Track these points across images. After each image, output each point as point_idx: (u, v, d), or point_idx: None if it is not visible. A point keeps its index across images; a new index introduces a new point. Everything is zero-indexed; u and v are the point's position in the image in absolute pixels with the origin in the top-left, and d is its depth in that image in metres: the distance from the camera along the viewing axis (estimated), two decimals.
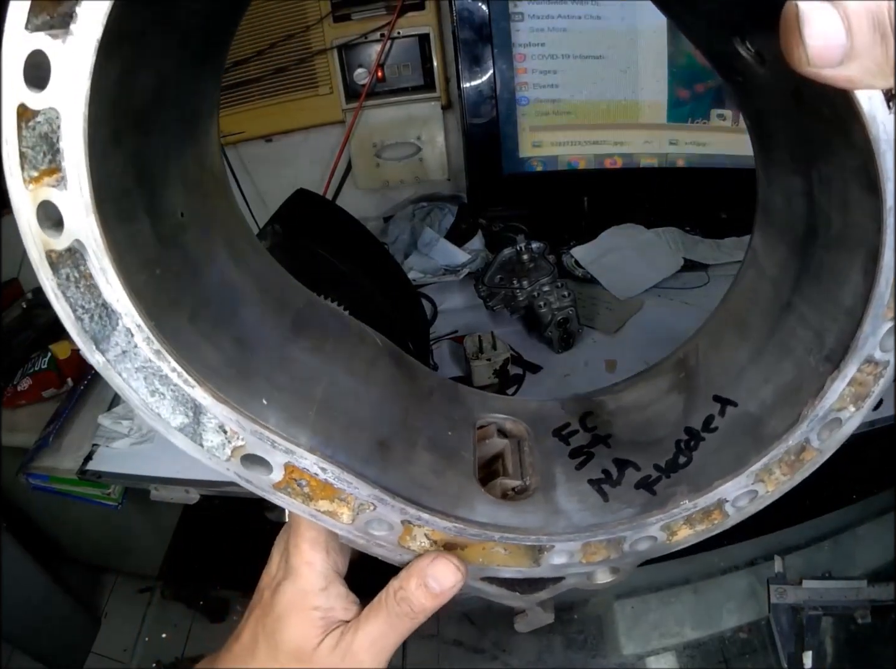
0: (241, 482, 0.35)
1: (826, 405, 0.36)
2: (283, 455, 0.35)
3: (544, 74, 1.27)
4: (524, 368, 1.07)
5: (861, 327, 0.33)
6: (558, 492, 0.43)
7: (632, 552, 0.41)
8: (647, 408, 0.48)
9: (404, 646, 1.00)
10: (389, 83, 1.38)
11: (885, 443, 0.90)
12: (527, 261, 1.14)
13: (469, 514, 0.40)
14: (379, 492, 0.37)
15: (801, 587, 0.95)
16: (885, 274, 0.31)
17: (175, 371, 0.32)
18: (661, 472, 0.42)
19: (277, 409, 0.35)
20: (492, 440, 0.47)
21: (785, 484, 0.38)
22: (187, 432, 0.34)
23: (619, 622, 1.02)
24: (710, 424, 0.43)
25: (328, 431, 0.37)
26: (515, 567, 0.41)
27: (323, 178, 1.46)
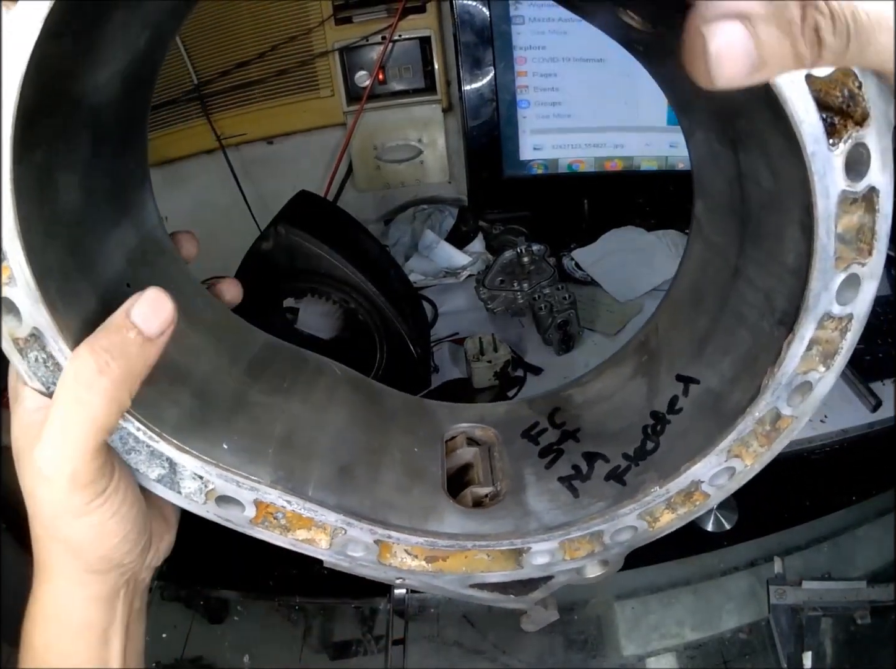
0: (221, 522, 0.38)
1: (788, 371, 0.34)
2: (250, 493, 0.37)
3: (545, 77, 1.27)
4: (525, 370, 1.08)
5: (808, 285, 0.31)
6: (528, 494, 0.43)
7: (615, 543, 0.41)
8: (613, 397, 0.48)
9: (405, 648, 1.00)
10: (390, 86, 1.38)
11: (885, 444, 0.90)
12: (527, 263, 1.15)
13: (438, 527, 0.40)
14: (343, 516, 0.39)
15: (800, 588, 0.95)
16: (823, 225, 0.30)
17: (140, 430, 0.35)
18: (629, 461, 0.42)
19: (237, 451, 0.38)
20: (462, 449, 0.47)
21: (764, 456, 0.37)
22: (165, 482, 0.37)
23: (619, 623, 1.02)
24: (675, 405, 0.42)
25: (288, 465, 0.39)
26: (500, 572, 0.42)
27: (324, 180, 1.46)
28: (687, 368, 0.43)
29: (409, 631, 1.01)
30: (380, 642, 1.07)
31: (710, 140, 0.39)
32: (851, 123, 0.28)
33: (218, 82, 1.38)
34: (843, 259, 0.30)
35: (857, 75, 0.27)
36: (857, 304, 0.32)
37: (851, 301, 0.32)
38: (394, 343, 0.96)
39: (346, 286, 0.91)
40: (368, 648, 1.10)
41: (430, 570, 0.42)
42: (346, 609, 1.15)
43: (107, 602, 0.38)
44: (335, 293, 0.92)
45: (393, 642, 1.03)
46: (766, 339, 0.35)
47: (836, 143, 0.28)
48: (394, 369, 0.98)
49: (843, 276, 0.31)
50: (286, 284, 0.92)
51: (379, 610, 1.09)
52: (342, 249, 0.91)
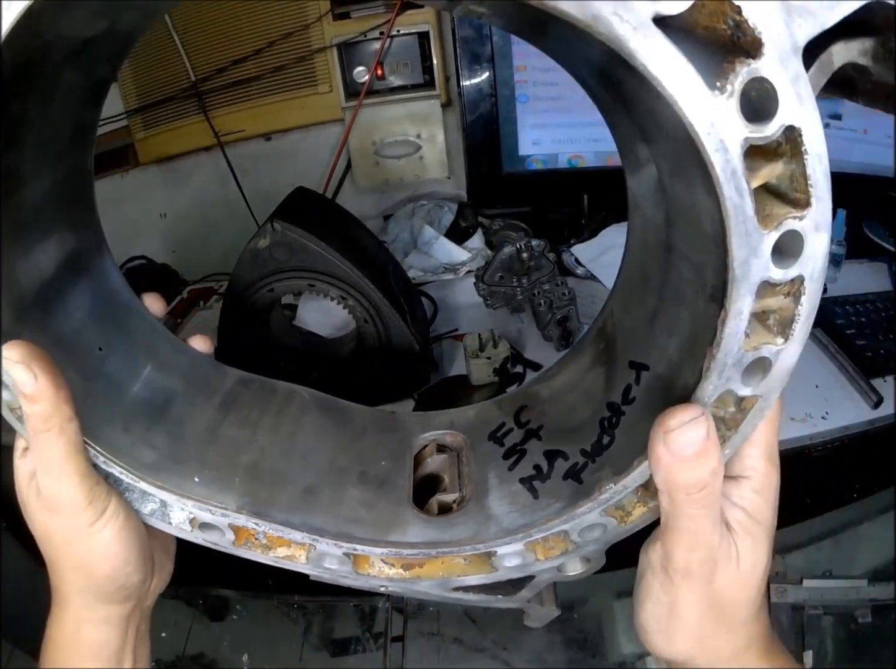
0: (210, 546, 0.43)
1: (732, 350, 0.30)
2: (223, 518, 0.41)
3: (544, 72, 1.26)
4: (525, 366, 1.07)
5: (730, 253, 0.26)
6: (490, 497, 0.43)
7: (586, 541, 0.40)
8: (574, 389, 0.46)
9: (404, 645, 1.00)
10: (389, 81, 1.38)
11: (886, 441, 0.90)
12: (527, 259, 1.14)
13: (401, 537, 0.42)
14: (308, 534, 0.41)
15: (801, 586, 0.95)
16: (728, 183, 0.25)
17: (122, 473, 0.40)
18: (587, 457, 0.41)
19: (208, 482, 0.42)
20: (432, 457, 0.48)
21: (734, 439, 0.34)
22: (157, 515, 0.42)
23: (619, 621, 1.02)
24: (629, 395, 0.40)
25: (254, 491, 0.42)
26: (477, 575, 0.42)
27: (323, 176, 1.46)
28: (639, 354, 0.40)
29: (408, 629, 1.01)
30: (379, 639, 1.07)
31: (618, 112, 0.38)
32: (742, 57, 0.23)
33: (216, 79, 1.38)
34: (773, 216, 0.26)
35: (732, 1, 0.22)
36: (804, 263, 0.27)
37: (796, 261, 0.27)
38: (393, 340, 0.96)
39: (344, 283, 0.90)
40: (368, 645, 1.10)
41: (408, 577, 0.43)
42: (346, 607, 1.15)
43: (118, 625, 0.44)
44: (333, 290, 0.91)
45: (392, 639, 1.03)
46: (702, 318, 0.32)
47: (722, 85, 0.24)
48: (393, 367, 0.98)
49: (777, 235, 0.26)
50: (284, 280, 0.91)
51: (378, 608, 1.09)
52: (340, 245, 0.90)
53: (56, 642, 0.44)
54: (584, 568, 0.42)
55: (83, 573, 0.42)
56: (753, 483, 0.36)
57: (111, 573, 0.41)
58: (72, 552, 0.41)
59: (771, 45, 0.23)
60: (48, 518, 0.40)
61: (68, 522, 0.39)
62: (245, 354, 0.94)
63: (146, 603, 0.46)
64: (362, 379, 0.99)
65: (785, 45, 0.23)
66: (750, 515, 0.36)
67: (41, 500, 0.39)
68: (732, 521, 0.36)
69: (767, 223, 0.26)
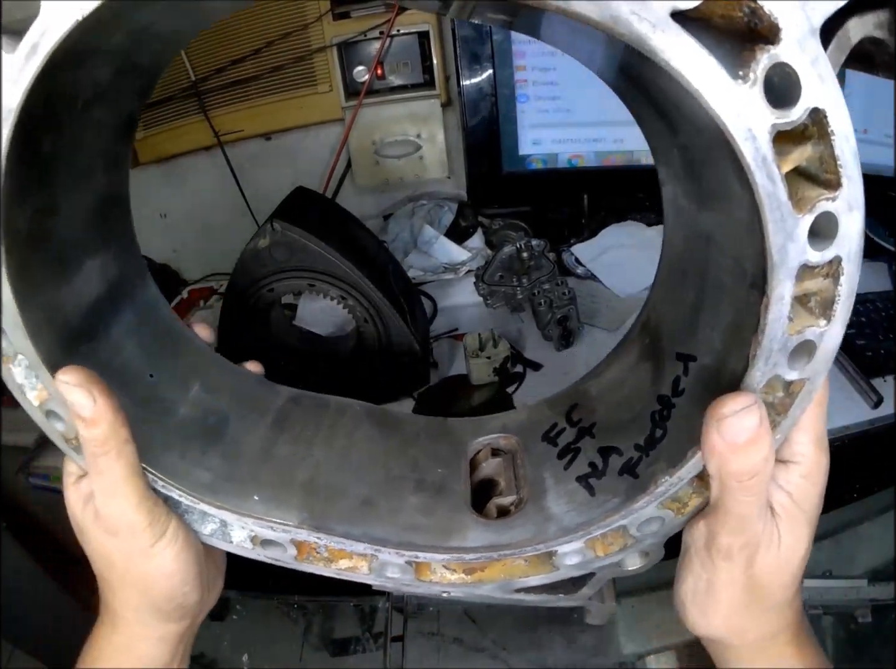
0: (272, 562, 0.44)
1: (777, 336, 0.30)
2: (285, 534, 0.42)
3: (544, 72, 1.26)
4: (525, 365, 1.07)
5: (767, 240, 0.27)
6: (548, 498, 0.43)
7: (645, 535, 0.40)
8: (623, 384, 0.47)
9: (404, 645, 1.00)
10: (389, 81, 1.37)
11: (886, 440, 0.89)
12: (527, 259, 1.14)
13: (462, 542, 0.42)
14: (369, 545, 0.42)
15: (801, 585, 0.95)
16: (759, 171, 0.25)
17: (182, 496, 0.41)
18: (641, 452, 0.41)
19: (266, 500, 0.43)
20: (487, 462, 0.48)
21: (784, 424, 0.34)
22: (218, 535, 0.43)
23: (619, 621, 1.02)
24: (678, 387, 0.40)
25: (312, 506, 0.43)
26: (539, 575, 0.43)
27: (323, 175, 1.46)
28: (685, 345, 0.41)
29: (408, 629, 1.01)
30: (379, 639, 1.07)
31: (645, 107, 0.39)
32: (762, 45, 0.23)
33: (215, 79, 1.38)
34: (806, 199, 0.26)
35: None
36: (840, 243, 0.28)
37: (832, 242, 0.28)
38: (393, 340, 0.96)
39: (344, 283, 0.90)
40: (368, 645, 1.10)
41: (470, 581, 0.43)
42: (346, 607, 1.14)
43: (171, 642, 0.45)
44: (333, 290, 0.91)
45: (392, 639, 1.03)
46: (745, 306, 0.32)
47: (745, 73, 0.24)
48: (393, 366, 0.98)
49: (811, 218, 0.27)
50: (284, 280, 0.91)
51: (378, 608, 1.09)
52: (340, 245, 0.90)
53: (104, 653, 0.45)
54: (644, 562, 0.42)
55: (142, 592, 0.42)
56: (802, 468, 0.36)
57: (170, 593, 0.42)
58: (131, 572, 0.41)
59: (788, 29, 0.23)
60: (107, 540, 0.40)
61: (128, 543, 0.40)
62: (245, 354, 0.93)
63: (198, 620, 0.47)
64: (362, 379, 0.99)
65: (802, 27, 0.23)
66: (795, 500, 0.36)
67: (99, 522, 0.40)
68: (777, 505, 0.36)
69: (801, 207, 0.26)
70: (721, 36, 0.24)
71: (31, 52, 0.28)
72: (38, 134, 0.33)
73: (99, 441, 0.36)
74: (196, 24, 0.44)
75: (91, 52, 0.33)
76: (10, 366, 0.36)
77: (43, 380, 0.37)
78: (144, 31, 0.36)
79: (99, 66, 0.35)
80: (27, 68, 0.28)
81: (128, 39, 0.35)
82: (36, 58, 0.28)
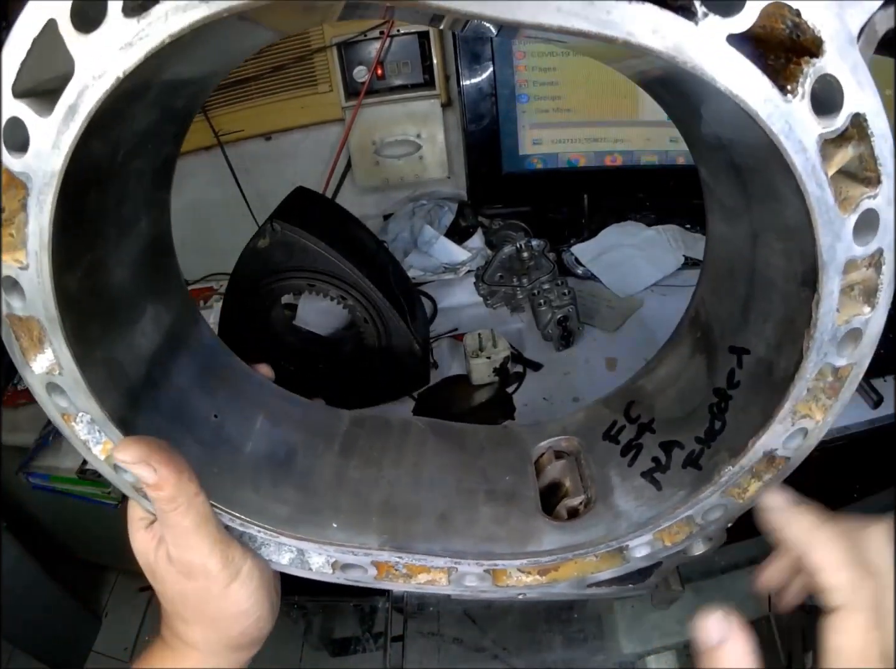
0: (351, 584, 0.45)
1: (827, 328, 0.32)
2: (366, 557, 0.43)
3: (544, 72, 1.26)
4: (525, 365, 1.07)
5: (817, 241, 0.29)
6: (616, 495, 0.45)
7: (709, 522, 0.42)
8: (678, 379, 0.48)
9: (404, 645, 1.00)
10: (389, 81, 1.37)
11: (886, 441, 0.89)
12: (527, 259, 1.14)
13: (538, 546, 0.43)
14: (450, 559, 0.43)
15: None
16: (810, 179, 0.27)
17: (260, 531, 0.42)
18: (702, 444, 0.42)
19: (346, 526, 0.44)
20: (551, 465, 0.49)
21: (835, 407, 0.36)
22: (296, 564, 0.44)
23: (619, 621, 1.02)
24: (734, 379, 0.42)
25: (391, 527, 0.44)
26: (610, 569, 0.44)
27: (323, 175, 1.46)
28: (738, 339, 0.42)
29: (408, 629, 1.01)
30: (379, 639, 1.07)
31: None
32: (807, 58, 0.24)
33: None
34: (850, 199, 0.28)
35: (790, 5, 0.24)
36: (882, 236, 0.29)
37: (874, 236, 0.29)
38: (393, 340, 0.96)
39: (343, 283, 0.90)
40: (368, 645, 1.10)
41: (545, 582, 0.45)
42: (346, 607, 1.15)
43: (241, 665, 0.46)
44: (333, 290, 0.91)
45: (392, 639, 1.03)
46: (796, 301, 0.34)
47: (793, 88, 0.25)
48: (393, 366, 0.98)
49: (856, 217, 0.28)
50: (284, 280, 0.91)
51: (378, 608, 1.09)
52: (339, 245, 0.90)
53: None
54: (707, 547, 0.44)
55: (218, 630, 0.43)
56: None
57: (246, 629, 0.43)
58: (207, 611, 0.42)
59: (831, 41, 0.24)
60: (181, 581, 0.41)
61: (203, 586, 0.40)
62: (245, 354, 0.93)
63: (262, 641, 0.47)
64: (362, 379, 0.99)
65: (842, 38, 0.24)
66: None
67: (173, 566, 0.40)
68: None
69: (846, 207, 0.28)
70: (763, 48, 0.25)
71: (70, 114, 0.26)
72: (80, 194, 0.32)
73: (166, 500, 0.37)
74: (228, 64, 0.44)
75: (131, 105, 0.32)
76: (72, 424, 0.37)
77: (108, 434, 0.37)
78: (180, 77, 0.36)
79: (138, 117, 0.35)
80: (68, 132, 0.26)
81: (165, 87, 0.35)
82: (76, 120, 0.26)
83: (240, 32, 0.33)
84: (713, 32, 0.24)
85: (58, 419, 0.37)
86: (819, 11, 0.24)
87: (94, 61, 0.25)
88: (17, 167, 0.28)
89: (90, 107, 0.26)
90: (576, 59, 1.24)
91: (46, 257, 0.30)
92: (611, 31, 0.24)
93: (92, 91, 0.26)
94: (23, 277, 0.31)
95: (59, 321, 0.32)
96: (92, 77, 0.26)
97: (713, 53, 0.24)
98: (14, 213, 0.29)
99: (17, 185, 0.28)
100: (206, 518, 0.39)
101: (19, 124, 0.27)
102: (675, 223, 1.33)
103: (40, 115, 0.26)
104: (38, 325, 0.32)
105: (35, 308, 0.32)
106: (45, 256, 0.30)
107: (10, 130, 0.27)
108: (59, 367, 0.34)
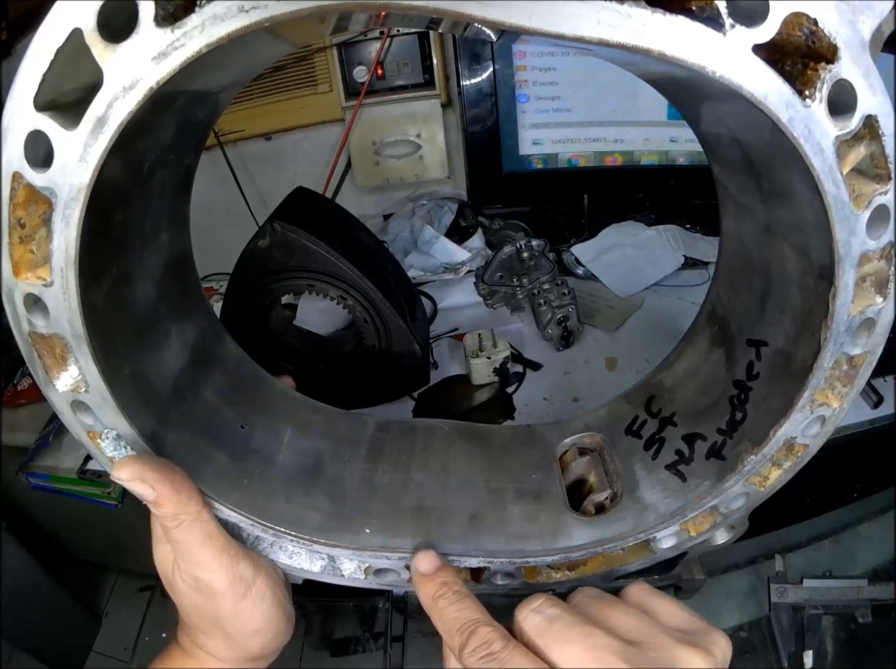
0: (384, 589, 0.46)
1: (843, 319, 0.33)
2: (399, 561, 0.44)
3: (544, 72, 1.26)
4: (525, 365, 1.07)
5: (833, 237, 0.30)
6: (641, 488, 0.46)
7: (732, 511, 0.43)
8: (697, 372, 0.49)
9: (404, 645, 1.00)
10: (389, 81, 1.37)
11: (886, 441, 0.89)
12: (527, 259, 1.14)
13: (568, 542, 0.44)
14: (482, 558, 0.43)
15: (801, 586, 0.95)
16: (826, 179, 0.28)
17: (294, 540, 0.42)
18: (724, 435, 0.43)
19: (379, 531, 0.44)
20: (575, 461, 0.50)
21: (851, 393, 0.37)
22: (328, 571, 0.44)
23: None
24: (753, 371, 0.43)
25: (424, 530, 0.44)
26: (638, 561, 0.46)
27: (323, 176, 1.46)
28: (755, 331, 0.43)
29: (408, 629, 1.01)
30: (379, 639, 1.07)
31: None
32: (823, 64, 0.26)
33: None
34: (863, 195, 0.29)
35: (808, 14, 0.25)
36: (893, 230, 0.31)
37: (886, 230, 0.31)
38: (393, 340, 0.96)
39: (343, 283, 0.90)
40: (368, 645, 1.10)
41: (574, 576, 0.46)
42: (346, 607, 1.14)
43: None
44: (333, 290, 0.91)
45: (392, 639, 1.03)
46: (813, 294, 0.35)
47: (811, 93, 0.26)
48: (393, 366, 0.98)
49: (869, 212, 0.30)
50: (284, 280, 0.91)
51: (378, 608, 1.09)
52: (339, 245, 0.90)
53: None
54: (731, 535, 0.45)
55: (235, 644, 0.43)
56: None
57: (263, 644, 0.43)
58: (223, 627, 0.42)
59: (846, 48, 0.26)
60: (195, 596, 0.41)
61: (215, 601, 0.41)
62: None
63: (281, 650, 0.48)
64: (362, 379, 0.99)
65: (855, 44, 0.26)
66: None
67: (186, 581, 0.41)
68: None
69: (859, 203, 0.29)
70: (779, 54, 0.26)
71: (99, 127, 0.25)
72: (106, 208, 0.32)
73: (168, 517, 0.37)
74: (249, 76, 0.43)
75: (159, 115, 0.32)
76: (98, 441, 0.36)
77: (135, 450, 0.37)
78: (207, 88, 0.36)
79: (164, 128, 0.34)
80: (96, 144, 0.26)
81: (192, 98, 0.34)
82: (105, 133, 0.25)
83: (264, 44, 0.33)
84: (740, 42, 0.25)
85: (83, 437, 0.36)
86: (834, 19, 0.25)
87: (124, 72, 0.24)
88: (40, 182, 0.27)
89: (120, 119, 0.25)
90: (576, 59, 1.24)
91: (73, 273, 0.29)
92: (647, 44, 0.25)
93: (122, 103, 0.25)
94: (47, 294, 0.30)
95: (85, 338, 0.31)
96: (122, 88, 0.25)
97: (740, 63, 0.25)
98: (34, 229, 0.28)
99: (40, 200, 0.27)
100: (211, 535, 0.39)
101: (42, 138, 0.26)
102: (675, 223, 1.33)
103: (65, 128, 0.26)
104: (61, 342, 0.32)
105: (60, 326, 0.31)
106: (71, 272, 0.29)
107: (31, 143, 0.26)
108: (85, 384, 0.33)
